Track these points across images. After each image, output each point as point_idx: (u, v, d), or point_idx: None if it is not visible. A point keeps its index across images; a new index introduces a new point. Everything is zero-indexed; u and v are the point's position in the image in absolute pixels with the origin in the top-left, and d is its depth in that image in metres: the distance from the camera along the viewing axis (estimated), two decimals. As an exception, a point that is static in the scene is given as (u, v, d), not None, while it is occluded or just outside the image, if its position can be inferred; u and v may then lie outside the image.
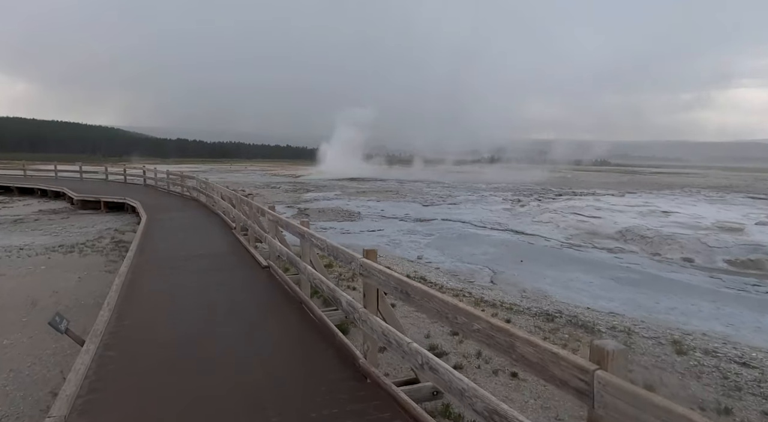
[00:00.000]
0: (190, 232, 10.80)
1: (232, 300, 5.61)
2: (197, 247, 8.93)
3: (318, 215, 18.70)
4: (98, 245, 11.11)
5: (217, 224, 12.07)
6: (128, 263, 7.25)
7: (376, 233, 14.71)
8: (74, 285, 7.78)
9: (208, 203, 15.83)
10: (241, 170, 67.79)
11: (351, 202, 24.09)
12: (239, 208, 10.54)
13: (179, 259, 7.79)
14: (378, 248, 11.11)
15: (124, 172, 24.66)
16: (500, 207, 21.77)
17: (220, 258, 7.96)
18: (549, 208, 20.51)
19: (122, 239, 11.87)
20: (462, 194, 29.87)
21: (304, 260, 5.48)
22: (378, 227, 15.88)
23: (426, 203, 23.66)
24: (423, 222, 16.92)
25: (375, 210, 20.36)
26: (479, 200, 25.48)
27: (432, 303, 2.68)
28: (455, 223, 16.54)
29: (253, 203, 8.48)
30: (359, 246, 13.47)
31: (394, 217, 18.33)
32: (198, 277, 6.70)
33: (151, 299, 5.63)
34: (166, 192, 20.20)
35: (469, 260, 11.07)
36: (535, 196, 28.54)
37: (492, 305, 7.18)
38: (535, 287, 8.76)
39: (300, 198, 26.78)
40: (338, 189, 34.95)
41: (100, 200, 18.22)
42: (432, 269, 10.03)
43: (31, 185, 22.86)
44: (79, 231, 13.67)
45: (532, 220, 16.99)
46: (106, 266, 9.08)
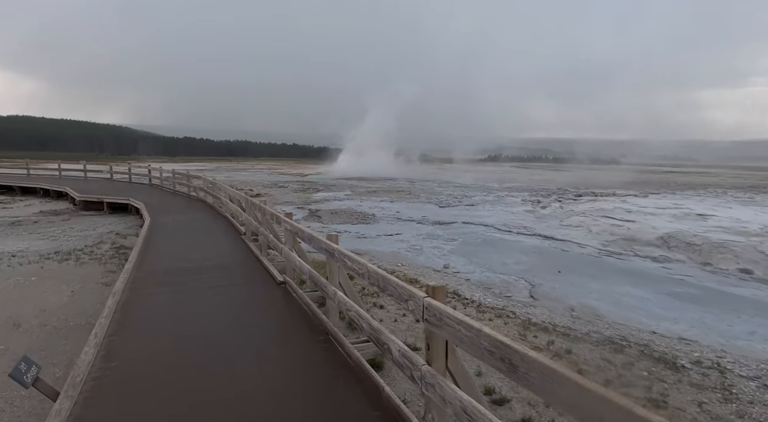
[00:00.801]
0: (196, 237, 9.90)
1: (245, 331, 4.67)
2: (204, 256, 8.02)
3: (330, 217, 17.76)
4: (97, 252, 10.24)
5: (225, 228, 11.17)
6: (125, 278, 6.34)
7: (394, 238, 13.73)
8: (65, 301, 6.89)
9: (215, 204, 14.96)
10: (249, 169, 67.15)
11: (363, 203, 23.14)
12: (249, 212, 9.63)
13: (183, 272, 6.87)
14: (398, 254, 10.05)
15: (128, 171, 23.89)
16: (521, 209, 20.68)
17: (229, 271, 7.03)
18: (574, 210, 19.42)
19: (123, 245, 11.00)
20: (477, 195, 28.80)
21: (331, 282, 4.52)
22: (395, 231, 14.90)
23: (442, 204, 22.64)
24: (443, 225, 15.91)
25: (390, 212, 19.38)
26: (497, 201, 24.40)
27: (563, 389, 1.70)
28: (477, 227, 15.51)
29: (266, 208, 7.54)
30: (378, 253, 12.50)
31: (411, 219, 17.33)
32: (204, 296, 5.77)
33: (148, 329, 4.70)
34: (172, 192, 19.38)
35: (500, 269, 10.06)
36: (553, 196, 27.40)
37: (543, 330, 6.18)
38: (583, 303, 7.74)
39: (310, 198, 25.87)
40: (348, 189, 34.04)
41: (102, 200, 17.43)
42: (462, 281, 9.03)
43: (33, 185, 22.17)
44: (79, 235, 12.84)
45: (560, 223, 15.92)
46: (103, 277, 8.19)
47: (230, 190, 12.47)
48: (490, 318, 6.51)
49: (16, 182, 23.03)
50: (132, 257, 7.63)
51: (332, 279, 4.53)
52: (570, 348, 5.48)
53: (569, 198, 26.52)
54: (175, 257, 7.96)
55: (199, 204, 15.89)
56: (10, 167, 30.14)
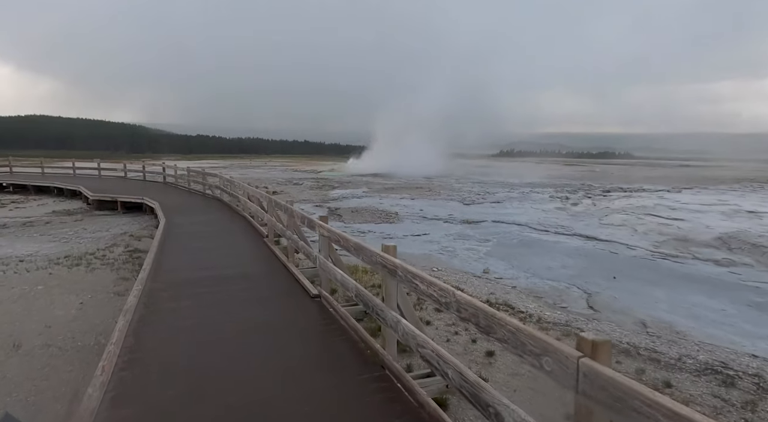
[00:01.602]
0: (215, 240, 9.13)
1: (281, 361, 3.84)
2: (224, 263, 7.23)
3: (352, 216, 16.92)
4: (109, 256, 9.55)
5: (245, 230, 10.39)
6: (138, 291, 5.56)
7: (422, 239, 12.84)
8: (73, 315, 6.15)
9: (231, 203, 14.24)
10: (262, 166, 66.77)
11: (383, 200, 22.27)
12: (272, 212, 8.82)
13: (202, 283, 6.08)
14: (431, 257, 9.12)
15: (143, 169, 23.38)
16: (551, 206, 19.60)
17: (254, 282, 6.22)
18: (611, 207, 18.28)
19: (137, 248, 10.30)
20: (499, 191, 27.72)
21: (389, 305, 3.65)
22: (422, 231, 13.99)
23: (466, 201, 21.64)
24: (472, 225, 14.96)
25: (413, 210, 18.47)
26: (523, 198, 23.31)
27: None
28: (510, 226, 14.53)
29: (295, 210, 6.70)
30: (409, 256, 11.61)
31: (437, 218, 16.40)
32: (227, 313, 4.96)
33: (165, 361, 3.88)
34: (187, 191, 18.76)
35: (547, 275, 9.10)
36: (581, 192, 26.19)
37: (624, 353, 5.24)
38: (655, 317, 6.76)
39: (327, 196, 25.10)
40: (364, 185, 33.23)
41: (116, 200, 16.86)
42: (508, 289, 8.10)
43: (47, 184, 21.76)
44: (92, 237, 12.21)
45: (600, 222, 14.84)
46: (115, 286, 7.47)
47: (249, 188, 11.70)
48: (557, 337, 5.59)
49: (31, 181, 22.67)
50: (146, 265, 6.88)
51: (389, 301, 3.66)
52: (667, 379, 4.54)
53: (597, 194, 25.28)
54: (193, 264, 7.18)
55: (216, 203, 15.20)
56: (26, 165, 29.91)
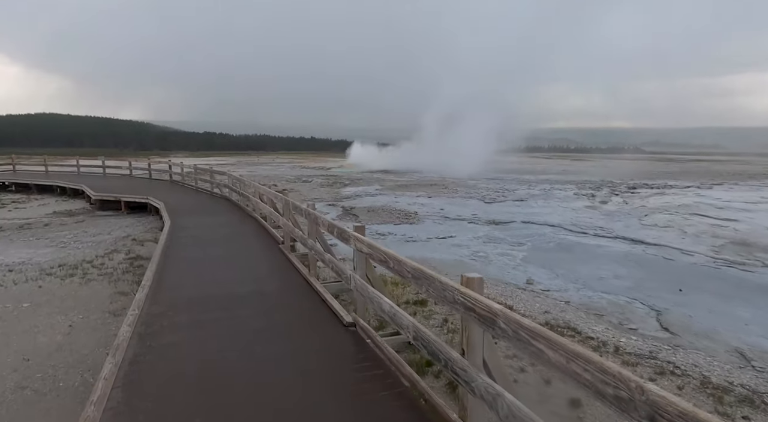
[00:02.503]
0: (224, 247, 8.13)
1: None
2: (236, 276, 6.22)
3: (368, 216, 15.87)
4: (108, 265, 8.59)
5: (257, 234, 9.39)
6: (134, 317, 4.56)
7: (449, 242, 11.76)
8: (59, 343, 5.17)
9: (241, 202, 13.27)
10: (270, 163, 65.85)
11: (399, 198, 21.20)
12: (288, 216, 7.80)
13: (211, 304, 5.07)
14: (462, 263, 7.89)
15: (148, 167, 22.50)
16: (579, 204, 18.40)
17: (272, 303, 5.19)
18: (647, 206, 17.05)
19: (139, 254, 9.34)
20: (519, 188, 26.51)
21: (471, 361, 2.59)
22: (446, 233, 12.91)
23: (487, 199, 20.49)
24: (500, 226, 13.84)
25: (432, 209, 17.38)
26: (546, 196, 22.11)
27: None
28: (542, 227, 13.40)
29: (320, 217, 5.65)
30: (438, 263, 10.48)
31: (460, 218, 15.30)
32: (243, 350, 3.93)
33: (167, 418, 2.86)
34: (194, 189, 17.84)
35: (600, 286, 7.99)
36: (605, 189, 24.92)
37: (748, 403, 4.12)
38: (751, 344, 5.65)
39: (339, 194, 24.07)
40: (376, 182, 32.19)
41: (120, 199, 15.97)
42: (562, 306, 7.01)
43: (50, 183, 20.97)
44: (92, 240, 11.30)
45: (641, 223, 13.65)
46: (111, 303, 6.50)
47: (261, 187, 10.69)
48: (650, 377, 4.51)
49: (33, 179, 21.90)
50: (146, 280, 5.88)
51: (473, 356, 2.60)
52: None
53: (624, 191, 24.01)
54: (199, 278, 6.18)
55: (224, 203, 14.24)
56: (31, 164, 29.20)
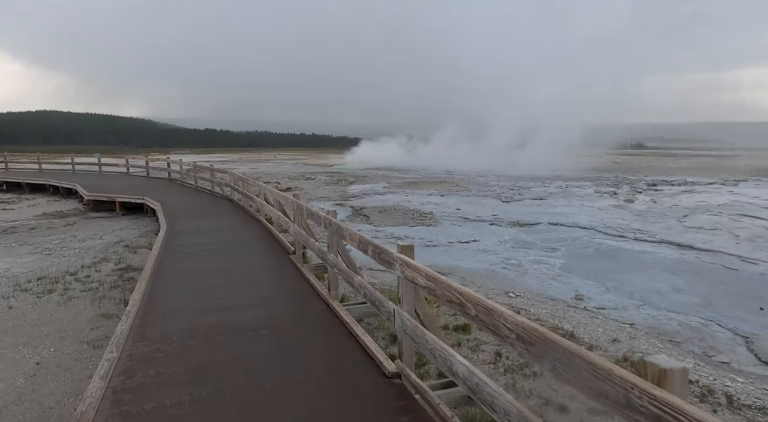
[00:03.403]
0: (225, 258, 7.06)
1: None
2: (238, 300, 5.14)
3: (380, 217, 14.78)
4: (94, 278, 7.52)
5: (263, 241, 8.32)
6: (110, 366, 3.49)
7: (473, 247, 10.67)
8: (19, 390, 4.11)
9: (243, 202, 12.21)
10: (271, 160, 64.72)
11: (410, 197, 20.08)
12: (300, 222, 6.73)
13: (211, 339, 4.01)
14: (495, 273, 6.35)
15: (146, 165, 21.42)
16: (605, 203, 17.27)
17: (287, 341, 4.10)
18: (680, 205, 15.93)
19: (131, 265, 8.27)
20: (533, 185, 25.38)
21: None
22: (468, 236, 11.82)
23: (504, 198, 19.36)
24: (526, 228, 12.73)
25: (448, 209, 16.27)
26: (565, 193, 20.98)
27: None
28: (573, 229, 12.29)
29: (344, 227, 4.54)
30: (467, 272, 9.34)
31: (480, 219, 14.20)
32: (258, 416, 2.85)
33: None
34: (194, 188, 16.77)
35: (662, 303, 6.90)
36: (625, 186, 23.80)
37: None
38: None
39: (346, 193, 22.97)
40: (382, 179, 31.08)
41: (114, 200, 14.91)
42: (626, 328, 5.92)
43: (42, 181, 19.92)
44: (80, 246, 10.24)
45: (683, 225, 12.53)
46: (92, 329, 5.43)
47: (267, 188, 9.62)
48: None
49: (25, 178, 20.86)
50: (132, 305, 4.81)
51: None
52: None
53: (645, 188, 22.88)
54: (197, 300, 5.11)
55: (226, 204, 13.17)
56: (25, 162, 28.13)
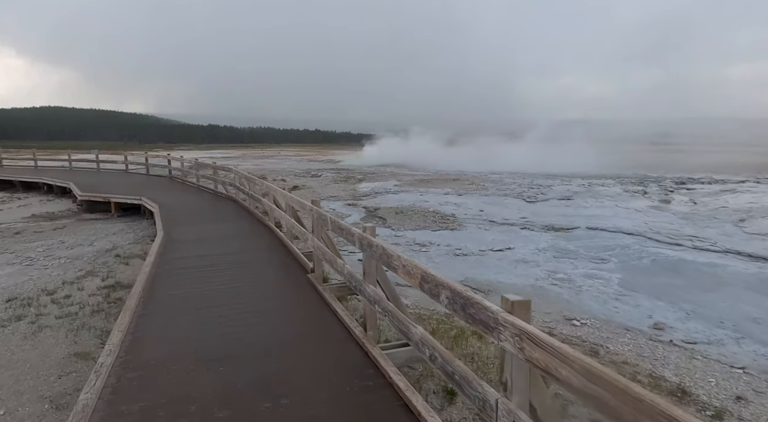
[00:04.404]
0: (231, 277, 5.86)
1: None
2: (253, 342, 3.95)
3: (398, 220, 13.54)
4: (75, 298, 6.34)
5: (274, 252, 7.12)
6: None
7: (508, 256, 9.43)
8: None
9: (250, 205, 11.02)
10: (275, 156, 63.65)
11: (425, 196, 18.84)
12: (321, 234, 5.53)
13: (214, 419, 2.80)
14: (545, 292, 5.33)
15: (145, 162, 20.26)
16: (639, 204, 15.96)
17: (320, 414, 2.89)
18: (730, 207, 14.62)
19: (119, 281, 7.08)
20: (553, 184, 24.07)
21: None
22: (501, 243, 10.57)
23: (527, 198, 18.07)
24: (562, 233, 11.47)
25: (470, 210, 15.01)
26: (589, 192, 19.68)
27: None
28: (617, 235, 11.03)
29: (391, 252, 3.28)
30: (510, 289, 8.00)
31: (508, 222, 12.93)
32: None
33: None
34: (195, 187, 15.61)
35: (764, 334, 5.64)
36: (652, 185, 22.46)
37: None
38: None
39: (356, 191, 21.76)
40: (392, 177, 29.85)
41: (109, 200, 13.76)
42: (740, 376, 4.67)
43: (36, 179, 18.81)
44: (67, 255, 9.09)
45: (743, 231, 11.20)
46: (60, 377, 4.25)
47: (277, 190, 8.39)
48: None
49: (19, 176, 19.74)
50: (107, 354, 3.62)
51: None
52: None
53: (676, 187, 21.55)
54: (197, 342, 3.92)
55: (230, 206, 11.98)
56: (27, 158, 26.97)
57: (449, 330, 5.41)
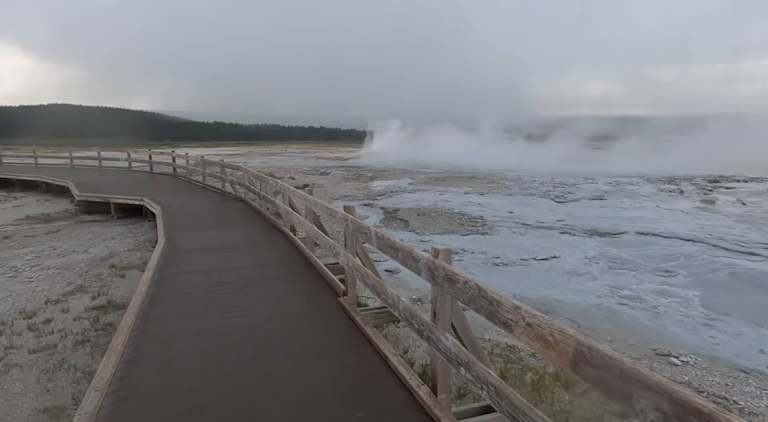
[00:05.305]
0: (247, 302, 4.76)
1: None
2: (278, 406, 2.83)
3: (421, 222, 12.39)
4: (57, 325, 5.27)
5: (294, 268, 6.00)
6: None
7: (556, 266, 8.26)
8: None
9: (260, 206, 9.93)
10: (282, 153, 62.50)
11: (445, 196, 17.67)
12: (356, 249, 4.44)
13: None
14: (613, 313, 4.55)
15: (149, 159, 19.23)
16: (683, 205, 14.71)
17: None
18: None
19: (112, 300, 6.01)
20: (577, 182, 22.83)
21: None
22: (542, 249, 9.40)
23: (555, 197, 16.84)
24: (609, 239, 10.27)
25: (498, 212, 13.83)
26: (620, 191, 18.46)
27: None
28: (673, 241, 9.82)
29: (488, 290, 2.15)
30: (570, 310, 6.49)
31: (542, 225, 11.74)
32: None
33: None
34: (201, 186, 14.55)
35: None
36: (685, 183, 21.15)
37: None
38: None
39: (370, 190, 20.63)
40: (404, 175, 28.68)
41: (109, 200, 12.74)
42: None
43: (34, 178, 17.85)
44: (57, 264, 8.05)
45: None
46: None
47: (297, 193, 7.27)
48: None
49: (17, 174, 18.80)
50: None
51: None
52: None
53: (714, 186, 20.29)
54: (202, 396, 2.81)
55: (239, 207, 10.90)
56: (24, 155, 26.11)
57: (521, 373, 4.27)
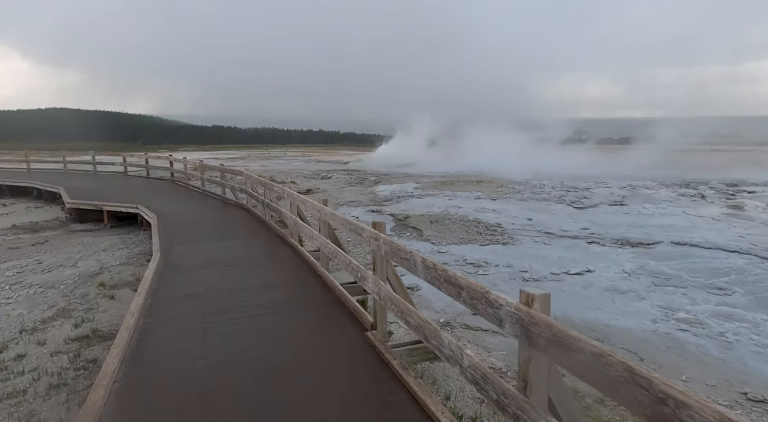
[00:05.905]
0: (254, 336, 3.96)
1: None
2: None
3: (436, 231, 11.60)
4: (29, 363, 4.46)
5: (306, 290, 5.20)
6: None
7: (594, 283, 7.46)
8: None
9: (264, 214, 9.14)
10: (281, 156, 61.76)
11: (455, 201, 16.89)
12: (386, 274, 3.65)
13: None
14: (679, 345, 3.78)
15: (145, 164, 18.43)
16: (712, 211, 13.94)
17: None
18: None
19: (97, 329, 5.20)
20: (589, 186, 22.07)
21: None
22: (573, 261, 8.61)
23: (571, 202, 16.07)
24: (642, 249, 9.49)
25: (515, 219, 13.04)
26: (638, 196, 17.71)
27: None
28: (715, 252, 9.05)
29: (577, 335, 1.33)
30: (623, 337, 5.37)
31: (567, 234, 10.95)
32: None
33: None
34: (200, 192, 13.75)
35: None
36: (702, 186, 20.42)
37: None
38: None
39: (375, 195, 19.84)
40: (410, 179, 27.90)
41: (102, 208, 11.93)
42: None
43: (25, 183, 17.04)
44: (40, 282, 7.23)
45: None
46: None
47: (308, 202, 6.48)
48: None
49: (7, 180, 17.97)
50: None
51: None
52: None
53: (731, 190, 19.55)
54: None
55: (240, 216, 10.10)
56: (16, 160, 25.26)
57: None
